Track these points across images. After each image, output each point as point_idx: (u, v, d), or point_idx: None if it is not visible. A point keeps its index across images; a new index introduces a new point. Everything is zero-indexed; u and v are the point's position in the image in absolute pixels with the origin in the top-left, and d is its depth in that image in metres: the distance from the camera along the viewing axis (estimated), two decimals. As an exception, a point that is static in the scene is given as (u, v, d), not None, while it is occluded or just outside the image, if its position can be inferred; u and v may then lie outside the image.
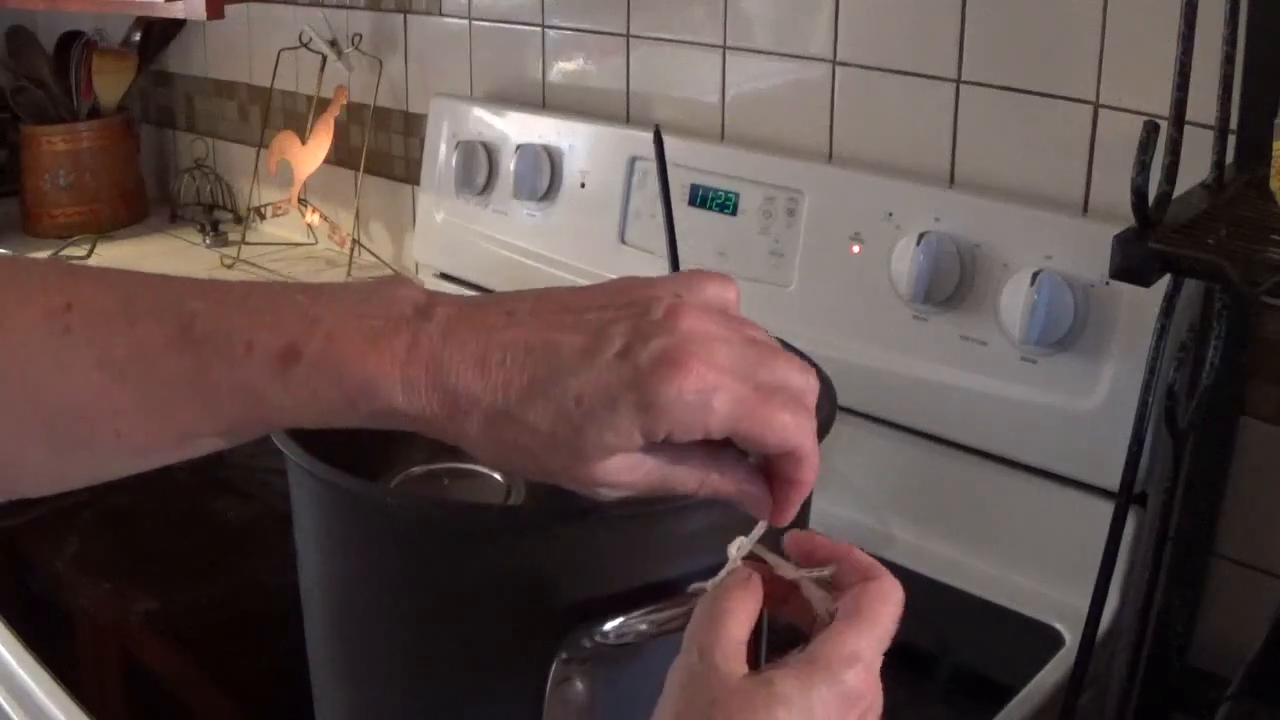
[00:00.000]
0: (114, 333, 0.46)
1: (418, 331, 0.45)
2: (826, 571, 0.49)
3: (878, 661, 0.46)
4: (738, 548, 0.49)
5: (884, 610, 0.46)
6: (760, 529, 0.50)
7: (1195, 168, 0.73)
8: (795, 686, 0.43)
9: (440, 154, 1.38)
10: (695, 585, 0.50)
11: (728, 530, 0.51)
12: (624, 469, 0.46)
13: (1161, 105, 0.68)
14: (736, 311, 0.49)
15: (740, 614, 0.46)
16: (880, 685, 0.46)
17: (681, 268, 0.77)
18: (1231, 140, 0.75)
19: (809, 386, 0.48)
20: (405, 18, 1.50)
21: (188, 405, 0.46)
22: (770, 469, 0.48)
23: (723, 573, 0.49)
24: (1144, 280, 0.68)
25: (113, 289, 0.48)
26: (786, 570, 0.49)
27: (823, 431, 0.61)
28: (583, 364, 0.44)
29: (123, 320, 0.46)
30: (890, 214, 1.00)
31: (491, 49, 1.41)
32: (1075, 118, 0.95)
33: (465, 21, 1.43)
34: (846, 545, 0.49)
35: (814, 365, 0.51)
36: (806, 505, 0.67)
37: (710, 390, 0.44)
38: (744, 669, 0.45)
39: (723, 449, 0.47)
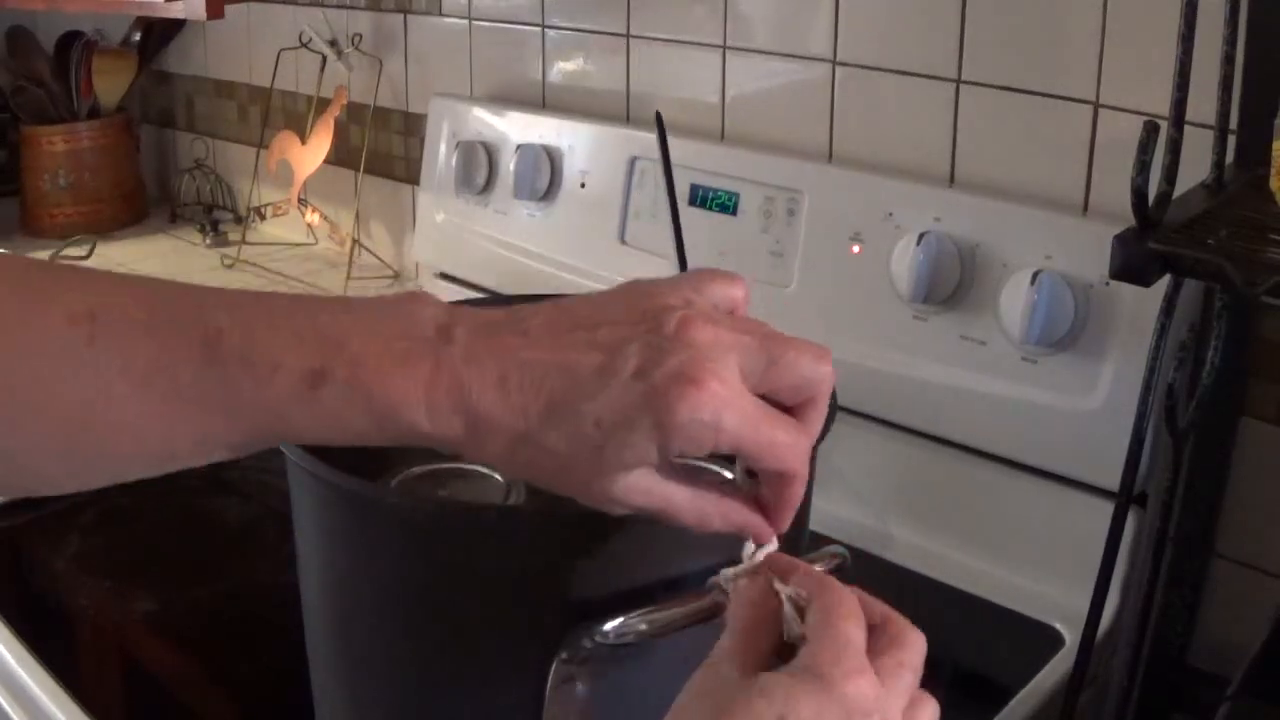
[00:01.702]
0: (137, 343, 0.46)
1: (440, 354, 0.46)
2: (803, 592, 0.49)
3: (865, 660, 0.45)
4: (750, 554, 0.50)
5: (842, 609, 0.46)
6: (758, 554, 0.50)
7: (1195, 168, 0.74)
8: (780, 683, 0.43)
9: (440, 154, 1.38)
10: (711, 580, 0.50)
11: (727, 530, 0.51)
12: (636, 489, 0.47)
13: (1161, 105, 0.68)
14: (745, 310, 0.50)
15: (744, 626, 0.46)
16: (897, 684, 0.46)
17: (686, 261, 0.77)
18: (1231, 140, 0.75)
19: (822, 375, 0.48)
20: (405, 18, 1.50)
21: (210, 418, 0.46)
22: (765, 482, 0.50)
23: (740, 575, 0.49)
24: (1144, 280, 0.68)
25: (136, 297, 0.47)
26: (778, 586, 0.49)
27: (823, 432, 0.62)
28: (599, 386, 0.45)
29: (146, 330, 0.46)
30: (890, 214, 1.00)
31: (491, 49, 1.41)
32: (1075, 118, 0.95)
33: (465, 21, 1.43)
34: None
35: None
36: (806, 507, 0.67)
37: (721, 408, 0.45)
38: (737, 673, 0.45)
39: (725, 483, 0.49)
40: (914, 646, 0.47)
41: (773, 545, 0.50)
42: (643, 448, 0.45)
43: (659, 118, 0.74)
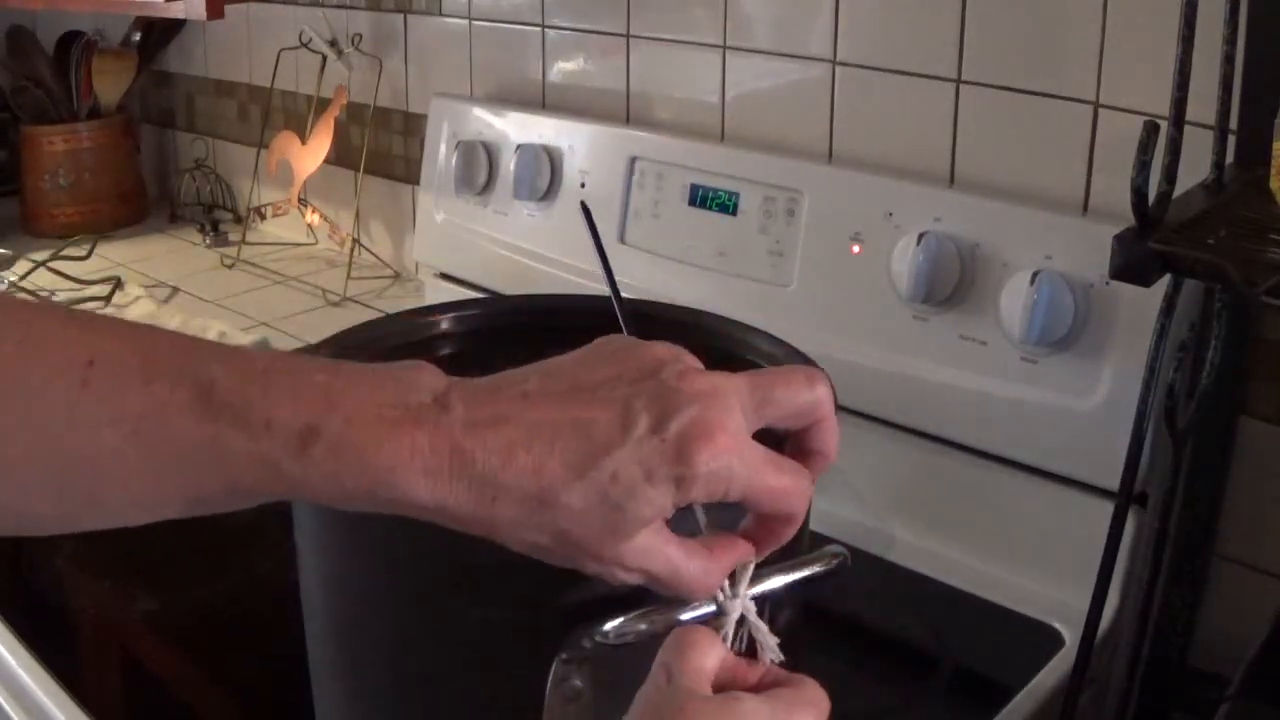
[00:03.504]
0: (130, 390, 0.46)
1: (437, 423, 0.45)
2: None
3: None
4: (724, 595, 0.50)
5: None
6: (749, 572, 0.50)
7: (1195, 168, 0.74)
8: (764, 706, 0.44)
9: (440, 154, 1.38)
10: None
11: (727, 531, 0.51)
12: (646, 551, 0.47)
13: (1161, 105, 0.68)
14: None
15: (706, 647, 0.47)
16: None
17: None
18: (1231, 140, 0.75)
19: (818, 398, 0.49)
20: (405, 18, 1.50)
21: (202, 471, 0.46)
22: (761, 521, 0.50)
23: (704, 610, 0.50)
24: (1144, 280, 0.68)
25: (133, 345, 0.47)
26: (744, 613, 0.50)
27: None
28: (617, 442, 0.45)
29: (139, 378, 0.46)
30: (890, 214, 1.00)
31: (491, 49, 1.41)
32: (1075, 118, 0.95)
33: (465, 21, 1.43)
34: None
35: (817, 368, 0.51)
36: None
37: (733, 456, 0.45)
38: (709, 692, 0.45)
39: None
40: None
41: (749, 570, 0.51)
42: (661, 501, 0.45)
43: (585, 209, 0.76)
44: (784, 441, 0.50)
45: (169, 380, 0.46)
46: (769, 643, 0.49)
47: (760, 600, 0.51)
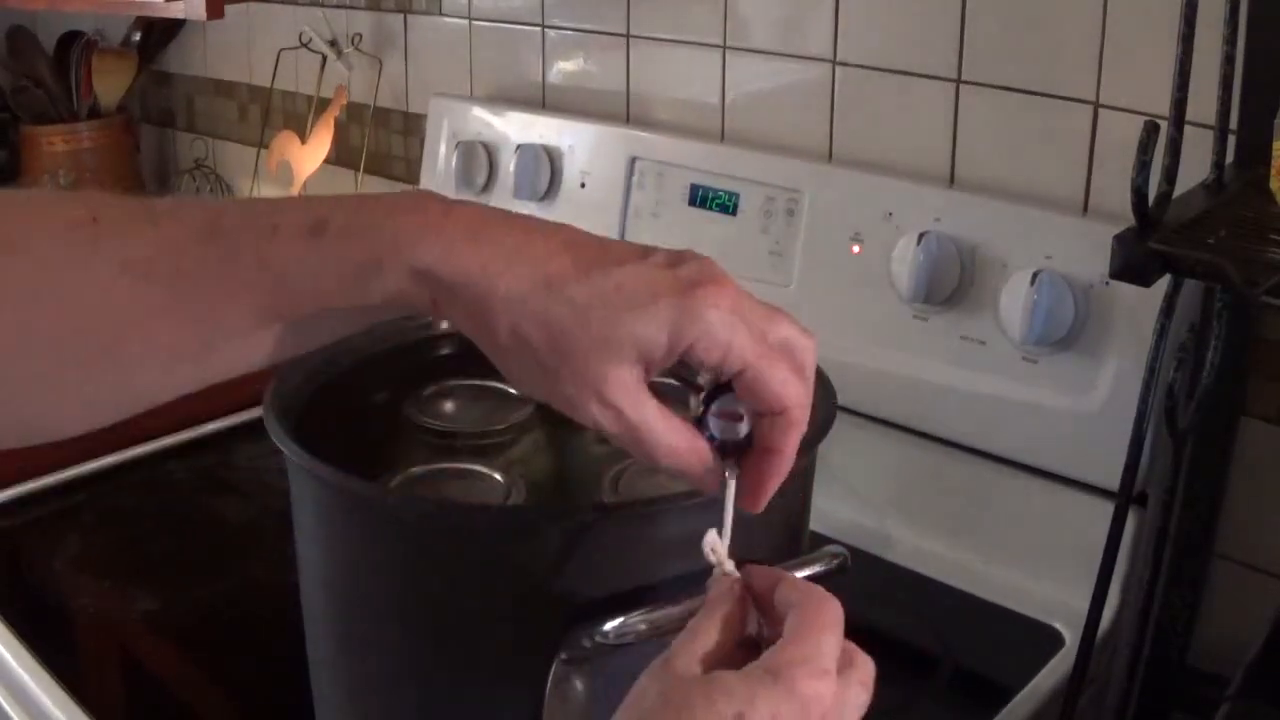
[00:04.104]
0: (139, 235, 0.47)
1: (450, 207, 0.46)
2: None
3: (834, 665, 0.45)
4: (711, 548, 0.49)
5: (825, 619, 0.46)
6: (728, 523, 0.49)
7: (1195, 168, 0.73)
8: (740, 681, 0.43)
9: (440, 154, 1.38)
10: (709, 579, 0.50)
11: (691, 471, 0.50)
12: (627, 386, 0.46)
13: (1161, 105, 0.68)
14: None
15: (702, 632, 0.46)
16: (851, 692, 0.46)
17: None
18: (1231, 140, 0.75)
19: (809, 345, 0.49)
20: (405, 18, 1.50)
21: (211, 295, 0.46)
22: (757, 437, 0.49)
23: (710, 580, 0.49)
24: (1144, 280, 0.68)
25: (133, 202, 0.48)
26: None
27: (822, 432, 0.62)
28: (630, 260, 0.46)
29: (148, 224, 0.47)
30: (890, 214, 1.00)
31: (491, 49, 1.41)
32: (1075, 118, 0.95)
33: (465, 21, 1.43)
34: (782, 572, 0.49)
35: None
36: (806, 508, 0.67)
37: (740, 316, 0.45)
38: (698, 670, 0.45)
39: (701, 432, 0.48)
40: (868, 666, 0.47)
41: (728, 536, 0.49)
42: (658, 325, 0.44)
43: None
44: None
45: (177, 219, 0.47)
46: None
47: None
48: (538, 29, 1.34)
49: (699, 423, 0.49)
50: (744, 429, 0.49)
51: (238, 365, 0.49)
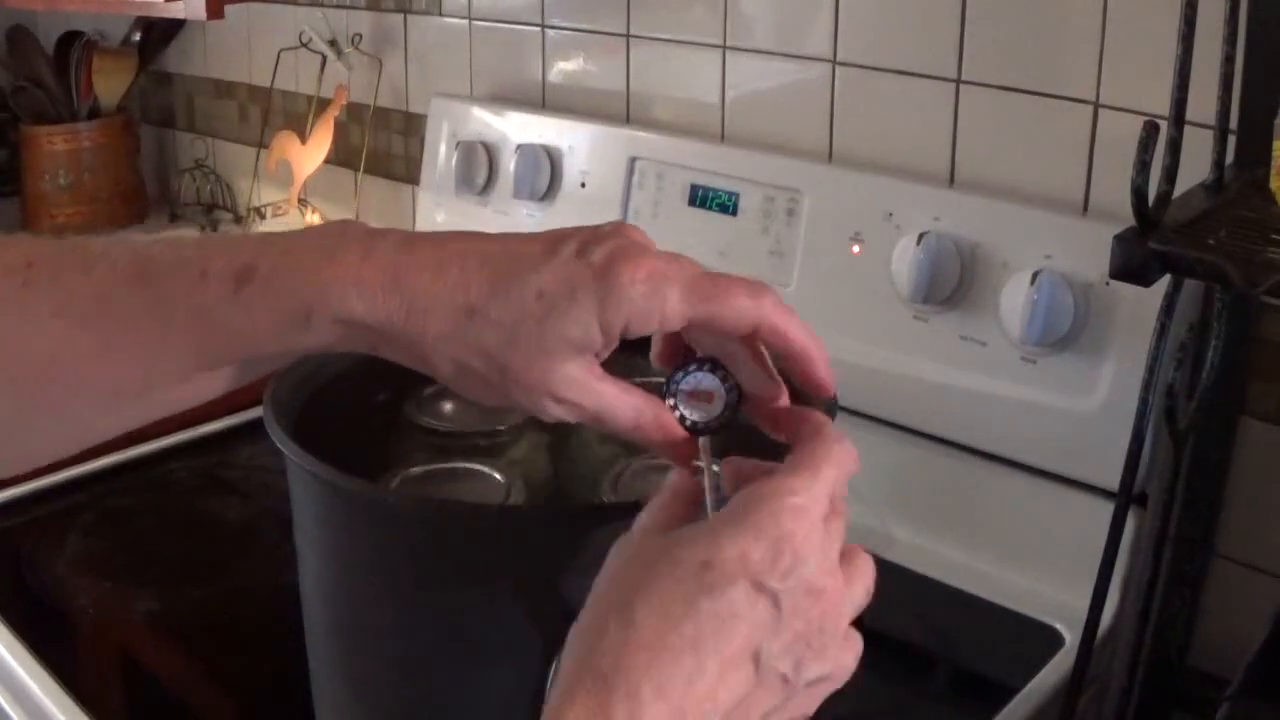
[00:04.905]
0: (73, 280, 0.48)
1: (371, 246, 0.47)
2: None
3: (815, 508, 0.44)
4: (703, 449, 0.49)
5: (821, 457, 0.46)
6: (709, 492, 0.48)
7: (1195, 168, 0.73)
8: (702, 529, 0.44)
9: (440, 154, 1.38)
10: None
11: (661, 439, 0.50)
12: (575, 381, 0.46)
13: (1161, 105, 0.68)
14: None
15: (671, 493, 0.47)
16: (828, 532, 0.45)
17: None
18: (1231, 140, 0.75)
19: (761, 308, 0.47)
20: (405, 18, 1.50)
21: (145, 340, 0.47)
22: (785, 366, 0.49)
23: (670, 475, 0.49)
24: (1144, 280, 0.68)
25: (68, 245, 0.49)
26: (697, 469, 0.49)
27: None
28: (542, 262, 0.46)
29: (81, 270, 0.48)
30: (890, 214, 1.00)
31: (491, 49, 1.41)
32: (1075, 118, 0.95)
33: (465, 21, 1.43)
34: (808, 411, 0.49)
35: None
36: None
37: (662, 278, 0.45)
38: (661, 532, 0.45)
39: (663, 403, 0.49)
40: (868, 566, 0.49)
41: (710, 504, 0.49)
42: (585, 319, 0.45)
43: None
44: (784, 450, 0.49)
45: (109, 265, 0.48)
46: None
47: None
48: (538, 29, 1.34)
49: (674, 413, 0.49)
50: (718, 407, 0.49)
51: (181, 402, 0.50)
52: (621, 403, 0.47)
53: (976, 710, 0.83)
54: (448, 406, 0.75)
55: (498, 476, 0.68)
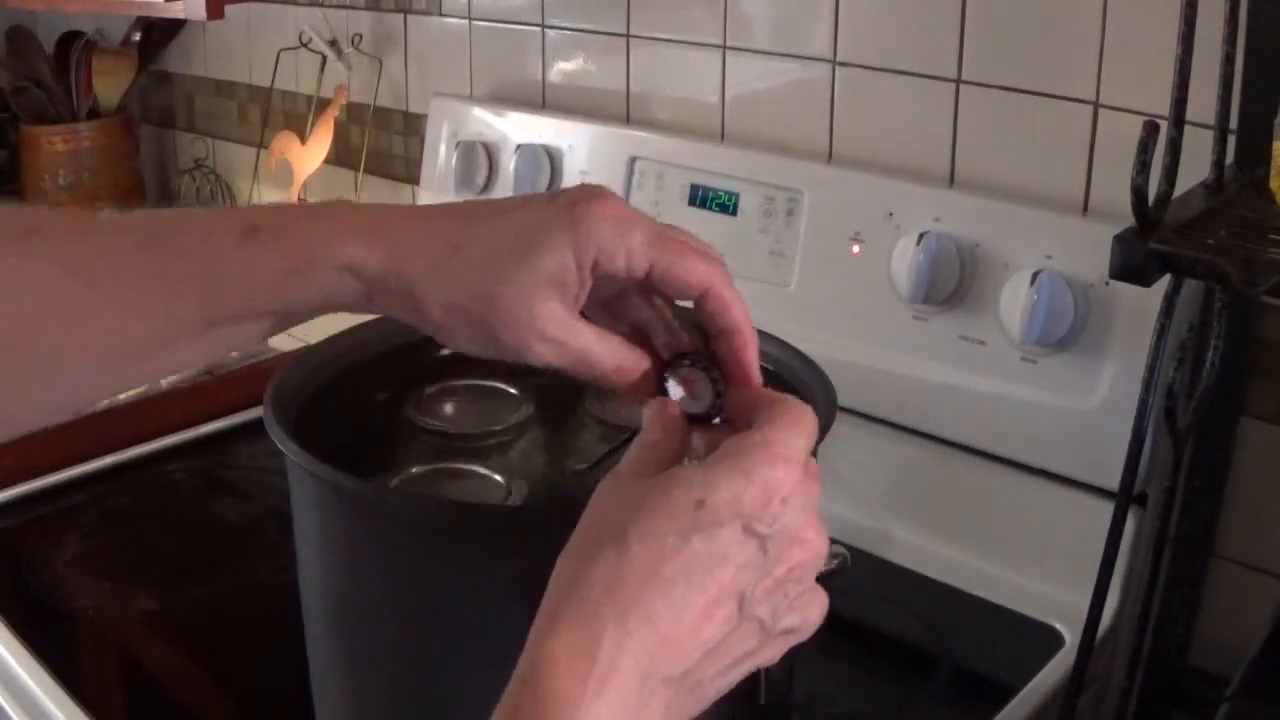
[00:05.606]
0: (79, 243, 0.50)
1: (360, 208, 0.51)
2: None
3: (799, 459, 0.46)
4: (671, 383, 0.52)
5: (794, 415, 0.48)
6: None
7: (1195, 168, 0.73)
8: (697, 470, 0.45)
9: (440, 154, 1.38)
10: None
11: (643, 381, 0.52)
12: (558, 318, 0.49)
13: (1161, 105, 0.68)
14: None
15: (657, 430, 0.49)
16: (809, 486, 0.47)
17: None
18: (1231, 140, 0.75)
19: (714, 272, 0.51)
20: (405, 18, 1.50)
21: (149, 299, 0.49)
22: (715, 342, 0.51)
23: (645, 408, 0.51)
24: (1144, 280, 0.68)
25: (76, 215, 0.53)
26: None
27: (822, 431, 0.62)
28: (517, 206, 0.50)
29: (87, 234, 0.50)
30: (890, 214, 1.00)
31: (491, 49, 1.41)
32: (1075, 118, 0.95)
33: (465, 21, 1.43)
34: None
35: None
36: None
37: (628, 220, 0.50)
38: (655, 473, 0.46)
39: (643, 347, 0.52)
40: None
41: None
42: (560, 249, 0.48)
43: None
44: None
45: (115, 229, 0.50)
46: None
47: None
48: (538, 29, 1.34)
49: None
50: (705, 397, 0.51)
51: (180, 364, 0.53)
52: (602, 345, 0.50)
53: (976, 710, 0.83)
54: (448, 407, 0.75)
55: (497, 477, 0.68)
